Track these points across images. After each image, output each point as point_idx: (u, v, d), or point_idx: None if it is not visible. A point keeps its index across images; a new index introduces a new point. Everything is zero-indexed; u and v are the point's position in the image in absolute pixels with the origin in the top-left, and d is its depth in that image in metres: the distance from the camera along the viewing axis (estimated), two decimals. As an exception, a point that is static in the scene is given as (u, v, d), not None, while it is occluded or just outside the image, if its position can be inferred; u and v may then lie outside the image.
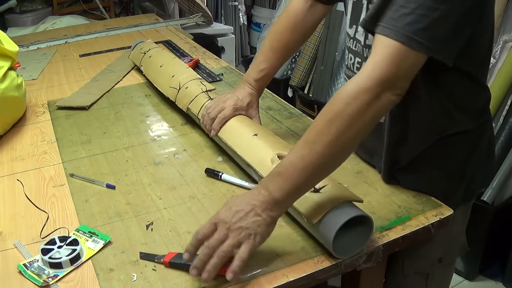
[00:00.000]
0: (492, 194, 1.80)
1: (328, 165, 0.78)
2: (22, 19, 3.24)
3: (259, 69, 1.15)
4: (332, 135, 0.75)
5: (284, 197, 0.78)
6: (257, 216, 0.77)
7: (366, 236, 0.83)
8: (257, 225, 0.77)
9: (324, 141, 0.76)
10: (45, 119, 1.41)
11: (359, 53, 0.96)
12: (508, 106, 1.83)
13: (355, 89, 0.75)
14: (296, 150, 0.78)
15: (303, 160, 0.77)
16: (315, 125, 0.78)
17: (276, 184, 0.78)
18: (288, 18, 1.13)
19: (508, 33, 1.90)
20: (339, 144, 0.76)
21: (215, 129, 1.11)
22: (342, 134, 0.75)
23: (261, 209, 0.77)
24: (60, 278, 0.81)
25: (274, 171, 0.80)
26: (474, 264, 1.96)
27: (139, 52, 1.66)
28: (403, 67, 0.75)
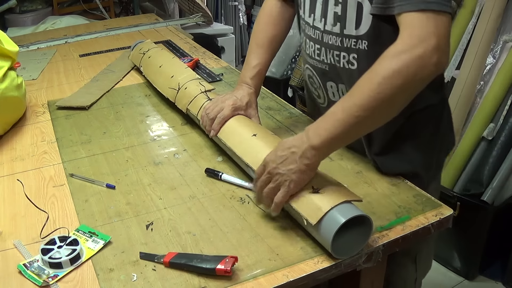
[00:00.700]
0: (492, 194, 1.81)
1: (366, 120, 0.80)
2: (22, 19, 3.24)
3: (251, 66, 1.17)
4: (375, 89, 0.78)
5: (321, 144, 0.82)
6: (293, 163, 0.83)
7: (365, 236, 0.83)
8: (292, 172, 0.83)
9: (366, 94, 0.78)
10: (45, 119, 1.41)
11: (318, 40, 1.03)
12: (508, 106, 1.83)
13: (397, 50, 0.78)
14: (340, 101, 0.82)
15: (344, 111, 0.80)
16: (363, 78, 0.81)
17: (315, 130, 0.83)
18: (265, 16, 1.20)
19: (508, 33, 1.90)
20: (381, 100, 0.78)
21: (214, 130, 1.12)
22: (385, 89, 0.77)
23: (298, 156, 0.83)
24: (60, 278, 0.81)
25: (319, 120, 0.84)
26: (474, 264, 1.96)
27: (139, 52, 1.66)
28: (435, 31, 0.78)
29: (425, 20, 0.79)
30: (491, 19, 1.90)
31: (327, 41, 1.01)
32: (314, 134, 0.83)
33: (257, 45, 1.19)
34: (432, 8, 0.79)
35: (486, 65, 1.93)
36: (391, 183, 1.02)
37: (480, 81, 1.93)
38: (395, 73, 0.77)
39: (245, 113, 1.13)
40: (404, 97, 0.81)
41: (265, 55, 1.18)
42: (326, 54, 1.04)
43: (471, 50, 1.94)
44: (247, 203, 0.99)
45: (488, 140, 1.86)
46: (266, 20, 1.20)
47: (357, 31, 0.94)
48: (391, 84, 0.77)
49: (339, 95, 1.08)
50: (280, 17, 1.19)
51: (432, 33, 0.78)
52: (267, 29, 1.19)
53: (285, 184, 0.84)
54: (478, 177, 1.87)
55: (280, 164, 0.85)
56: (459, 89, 1.94)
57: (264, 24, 1.20)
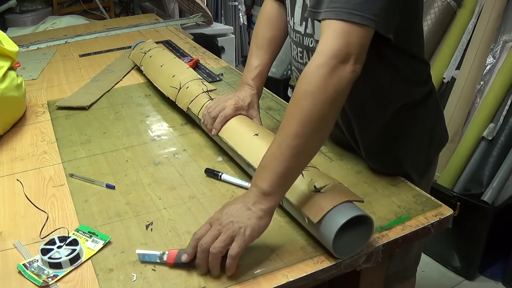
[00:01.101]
0: (492, 194, 1.80)
1: (304, 146, 0.79)
2: (22, 19, 3.24)
3: (252, 67, 1.18)
4: (299, 115, 0.78)
5: (271, 188, 0.79)
6: (247, 210, 0.79)
7: (366, 236, 0.83)
8: (247, 218, 0.78)
9: (294, 122, 0.78)
10: (45, 119, 1.41)
11: (300, 43, 1.04)
12: (508, 106, 1.83)
13: (312, 67, 0.79)
14: (273, 141, 0.81)
15: (280, 147, 0.79)
16: (286, 111, 0.81)
17: (260, 176, 0.80)
18: (264, 18, 1.21)
19: (508, 33, 1.90)
20: (310, 123, 0.78)
21: (216, 128, 1.12)
22: (309, 111, 0.77)
23: (251, 203, 0.79)
24: (60, 278, 0.81)
25: (259, 166, 0.82)
26: (474, 264, 1.96)
27: (140, 52, 1.66)
28: (351, 42, 0.78)
29: (345, 31, 0.78)
30: (491, 19, 1.90)
31: (308, 44, 1.03)
32: (261, 181, 0.80)
33: (257, 47, 1.20)
34: (354, 21, 0.78)
35: (486, 65, 1.93)
36: (391, 183, 1.02)
37: (480, 81, 1.93)
38: (315, 92, 0.77)
39: (246, 113, 1.14)
40: (331, 111, 0.79)
41: (266, 56, 1.19)
42: (308, 56, 1.05)
43: (471, 50, 1.94)
44: (247, 203, 0.99)
45: (488, 140, 1.86)
46: (265, 21, 1.21)
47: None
48: (314, 105, 0.77)
49: None
50: (279, 18, 1.19)
51: (348, 44, 0.78)
52: (266, 31, 1.20)
53: (240, 231, 0.77)
54: (478, 177, 1.87)
55: (231, 215, 0.79)
56: (459, 89, 1.94)
57: (263, 26, 1.21)
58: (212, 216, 0.81)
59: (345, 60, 0.78)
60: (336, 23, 0.79)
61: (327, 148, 1.17)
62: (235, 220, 0.78)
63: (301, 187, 0.86)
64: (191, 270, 0.81)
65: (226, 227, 0.78)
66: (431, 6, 2.08)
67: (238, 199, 0.82)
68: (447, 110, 1.97)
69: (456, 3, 2.06)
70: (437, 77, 2.07)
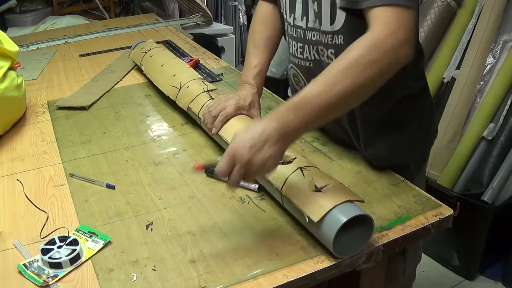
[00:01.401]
0: (492, 194, 1.80)
1: (340, 106, 0.83)
2: (22, 19, 3.25)
3: (252, 66, 1.19)
4: (350, 78, 0.80)
5: (296, 130, 0.81)
6: (270, 148, 0.79)
7: (366, 236, 0.83)
8: (271, 156, 0.80)
9: (342, 83, 0.80)
10: (45, 119, 1.41)
11: (301, 38, 1.05)
12: (508, 106, 1.83)
13: (372, 40, 0.81)
14: (313, 88, 0.82)
15: (319, 97, 0.80)
16: (332, 68, 0.82)
17: (289, 116, 0.80)
18: (260, 18, 1.23)
19: (508, 33, 1.90)
20: (355, 88, 0.81)
21: (216, 127, 1.11)
22: (359, 78, 0.80)
23: (274, 141, 0.80)
24: (60, 278, 0.81)
25: (289, 105, 0.81)
26: (474, 264, 1.96)
27: (140, 51, 1.66)
28: (405, 24, 0.82)
29: (394, 15, 0.83)
30: (491, 19, 1.90)
31: (310, 37, 1.03)
32: (288, 121, 0.80)
33: (254, 46, 1.20)
34: (399, 4, 0.83)
35: (486, 65, 1.93)
36: (391, 183, 1.02)
37: (480, 81, 1.93)
38: (371, 63, 0.80)
39: (248, 113, 1.13)
40: (375, 85, 0.84)
41: (264, 54, 1.20)
42: (309, 50, 1.06)
43: (471, 50, 1.94)
44: (247, 203, 0.99)
45: (488, 140, 1.86)
46: (261, 21, 1.23)
47: (332, 26, 0.97)
48: (365, 73, 0.80)
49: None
50: (275, 18, 1.20)
51: (401, 27, 0.82)
52: (262, 30, 1.21)
53: (263, 169, 0.81)
54: (478, 177, 1.87)
55: (255, 154, 0.79)
56: (459, 89, 1.94)
57: (259, 25, 1.22)
58: (233, 153, 0.80)
59: (402, 42, 0.81)
60: (384, 9, 0.83)
61: (327, 148, 1.17)
62: (260, 160, 0.79)
63: (301, 186, 0.86)
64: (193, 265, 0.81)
65: (252, 168, 0.79)
66: (431, 6, 2.08)
67: (257, 132, 0.80)
68: (447, 110, 1.97)
69: (456, 3, 2.06)
70: (437, 77, 2.07)
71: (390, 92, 1.00)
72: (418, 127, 1.09)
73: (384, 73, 0.82)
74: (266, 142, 0.79)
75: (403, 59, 0.83)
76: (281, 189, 0.89)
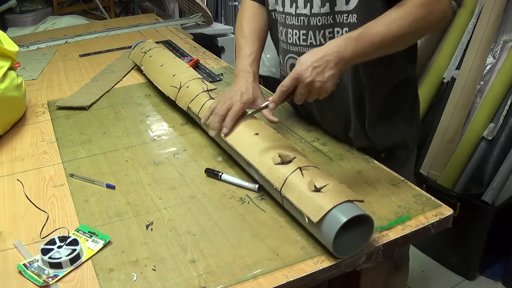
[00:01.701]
0: (492, 194, 1.80)
1: (390, 46, 0.96)
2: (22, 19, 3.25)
3: (247, 55, 1.19)
4: (404, 26, 0.93)
5: (353, 57, 0.93)
6: (330, 70, 0.92)
7: (366, 236, 0.83)
8: (330, 77, 0.92)
9: (398, 28, 0.93)
10: (45, 119, 1.41)
11: (304, 25, 1.09)
12: (508, 106, 1.83)
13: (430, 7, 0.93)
14: (373, 27, 0.94)
15: (377, 36, 0.93)
16: (391, 14, 0.94)
17: (351, 45, 0.93)
18: (247, 12, 1.26)
19: (508, 33, 1.90)
20: (406, 34, 0.94)
21: (227, 127, 1.08)
22: (409, 27, 0.93)
23: (334, 63, 0.92)
24: (60, 278, 0.81)
25: (351, 36, 0.94)
26: (474, 264, 1.96)
27: (140, 51, 1.66)
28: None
29: None
30: (491, 19, 1.90)
31: (315, 23, 1.07)
32: (349, 49, 0.93)
33: (244, 38, 1.22)
34: None
35: (486, 65, 1.93)
36: (391, 183, 1.02)
37: (480, 81, 1.93)
38: (421, 17, 0.93)
39: (253, 105, 1.12)
40: (422, 34, 1.02)
41: (256, 44, 1.22)
42: (315, 36, 1.09)
43: (471, 50, 1.94)
44: (247, 203, 0.99)
45: (488, 140, 1.86)
46: (250, 16, 1.25)
47: (347, 6, 1.03)
48: (416, 24, 0.93)
49: None
50: (261, 13, 1.24)
51: None
52: (252, 24, 1.24)
53: (325, 88, 0.93)
54: (478, 177, 1.87)
55: (318, 74, 0.92)
56: (459, 89, 1.94)
57: (248, 20, 1.24)
58: (298, 73, 0.93)
59: (447, 2, 0.94)
60: None
61: (327, 148, 1.17)
62: (322, 80, 0.92)
63: (301, 186, 0.86)
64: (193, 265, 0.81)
65: (315, 86, 0.93)
66: (431, 6, 2.08)
67: (319, 55, 0.92)
68: (447, 110, 1.97)
69: (456, 3, 2.06)
70: (437, 77, 2.08)
71: (394, 75, 1.12)
72: (412, 112, 1.19)
73: (431, 27, 0.96)
74: (327, 65, 0.92)
75: (448, 14, 0.95)
76: (280, 189, 0.89)
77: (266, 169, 0.95)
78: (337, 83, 0.95)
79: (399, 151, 1.18)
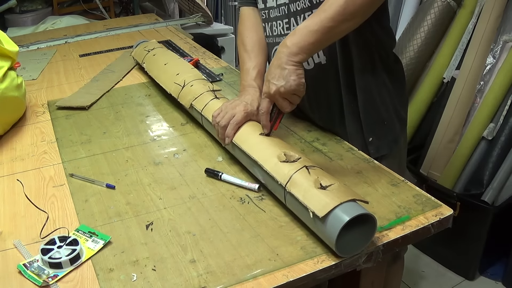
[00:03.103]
0: (492, 194, 1.80)
1: (334, 29, 0.96)
2: (22, 19, 3.25)
3: (250, 69, 1.19)
4: (339, 5, 0.93)
5: (299, 50, 0.96)
6: (284, 70, 0.96)
7: (368, 236, 0.83)
8: (288, 75, 0.96)
9: (332, 9, 0.94)
10: (45, 119, 1.41)
11: (285, 14, 1.13)
12: (508, 106, 1.83)
13: None
14: (311, 17, 0.97)
15: (316, 23, 0.95)
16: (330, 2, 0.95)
17: (292, 39, 0.96)
18: (246, 23, 1.26)
19: (508, 33, 1.90)
20: (344, 14, 0.94)
21: (229, 136, 1.08)
22: (348, 5, 0.93)
23: (285, 63, 0.96)
24: (60, 278, 0.81)
25: (292, 32, 0.98)
26: (474, 264, 1.96)
27: (143, 49, 1.66)
28: None
29: None
30: (491, 19, 1.90)
31: (295, 9, 1.11)
32: (292, 43, 0.96)
33: (247, 52, 1.22)
34: None
35: (486, 65, 1.93)
36: (391, 183, 1.02)
37: (480, 81, 1.93)
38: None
39: (256, 118, 1.11)
40: (363, 11, 0.97)
41: (259, 57, 1.22)
42: (296, 22, 1.12)
43: (471, 50, 1.94)
44: (247, 203, 0.99)
45: (488, 140, 1.86)
46: (250, 27, 1.25)
47: None
48: (353, 3, 0.93)
49: (313, 60, 1.15)
50: (258, 24, 1.24)
51: None
52: (251, 35, 1.24)
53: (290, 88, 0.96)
54: (478, 177, 1.87)
55: (278, 80, 0.97)
56: (459, 89, 1.94)
57: (248, 31, 1.25)
58: (267, 92, 0.99)
59: None
60: None
61: (327, 148, 1.17)
62: (283, 83, 0.96)
63: (307, 183, 0.86)
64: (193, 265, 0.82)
65: (281, 95, 0.98)
66: (431, 6, 2.08)
67: (273, 67, 0.98)
68: (447, 110, 1.97)
69: (456, 3, 2.06)
70: (437, 77, 2.08)
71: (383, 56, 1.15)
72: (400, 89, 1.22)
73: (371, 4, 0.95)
74: (280, 66, 0.96)
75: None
76: (285, 185, 0.89)
77: (271, 165, 0.95)
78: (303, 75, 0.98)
79: (389, 126, 1.20)
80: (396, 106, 1.20)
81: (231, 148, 1.10)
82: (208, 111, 1.18)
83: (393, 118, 1.20)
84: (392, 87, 1.18)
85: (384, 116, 1.19)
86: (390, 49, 1.20)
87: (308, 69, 1.15)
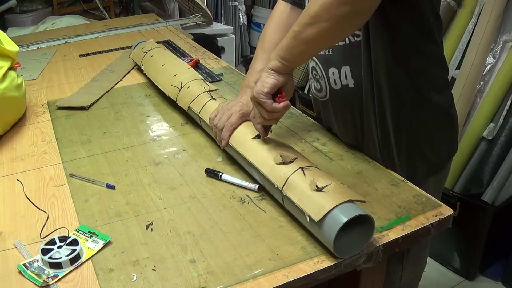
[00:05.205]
0: (492, 194, 1.80)
1: (300, 34, 0.90)
2: (22, 19, 3.24)
3: (256, 70, 1.16)
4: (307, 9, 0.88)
5: (273, 55, 0.95)
6: (261, 75, 0.96)
7: (367, 236, 0.83)
8: (259, 80, 0.95)
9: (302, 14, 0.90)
10: (45, 119, 1.41)
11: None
12: (508, 106, 1.83)
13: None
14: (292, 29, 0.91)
15: (298, 36, 0.90)
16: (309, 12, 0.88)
17: (276, 53, 0.94)
18: (274, 21, 1.21)
19: (508, 33, 1.90)
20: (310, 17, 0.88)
21: (224, 139, 1.09)
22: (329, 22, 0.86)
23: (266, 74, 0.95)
24: (60, 278, 0.81)
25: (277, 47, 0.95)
26: (474, 264, 1.96)
27: (141, 51, 1.66)
28: None
29: None
30: (491, 19, 1.90)
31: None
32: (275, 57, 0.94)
33: (263, 51, 1.18)
34: None
35: (486, 65, 1.93)
36: (391, 183, 1.02)
37: (480, 81, 1.93)
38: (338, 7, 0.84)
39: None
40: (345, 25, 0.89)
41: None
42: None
43: (471, 50, 1.94)
44: (247, 203, 0.99)
45: (488, 140, 1.86)
46: (273, 25, 1.20)
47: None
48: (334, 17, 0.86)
49: (340, 82, 1.08)
50: (286, 24, 1.17)
51: None
52: (274, 35, 1.18)
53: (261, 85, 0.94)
54: (478, 177, 1.87)
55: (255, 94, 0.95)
56: (459, 89, 1.94)
57: (271, 30, 1.19)
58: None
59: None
60: None
61: (327, 148, 1.17)
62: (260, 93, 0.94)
63: (302, 186, 0.86)
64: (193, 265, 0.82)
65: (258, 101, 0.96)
66: (431, 6, 2.08)
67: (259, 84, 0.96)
68: (447, 110, 1.97)
69: (456, 3, 2.06)
70: (437, 77, 2.07)
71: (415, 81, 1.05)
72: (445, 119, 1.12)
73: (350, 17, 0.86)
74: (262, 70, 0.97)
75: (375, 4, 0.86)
76: (281, 188, 0.89)
77: (267, 168, 0.95)
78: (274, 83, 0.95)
79: (433, 158, 1.12)
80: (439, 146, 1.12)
81: (230, 148, 1.10)
82: (206, 113, 1.18)
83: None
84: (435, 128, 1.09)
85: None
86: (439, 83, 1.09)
87: (336, 89, 1.11)
